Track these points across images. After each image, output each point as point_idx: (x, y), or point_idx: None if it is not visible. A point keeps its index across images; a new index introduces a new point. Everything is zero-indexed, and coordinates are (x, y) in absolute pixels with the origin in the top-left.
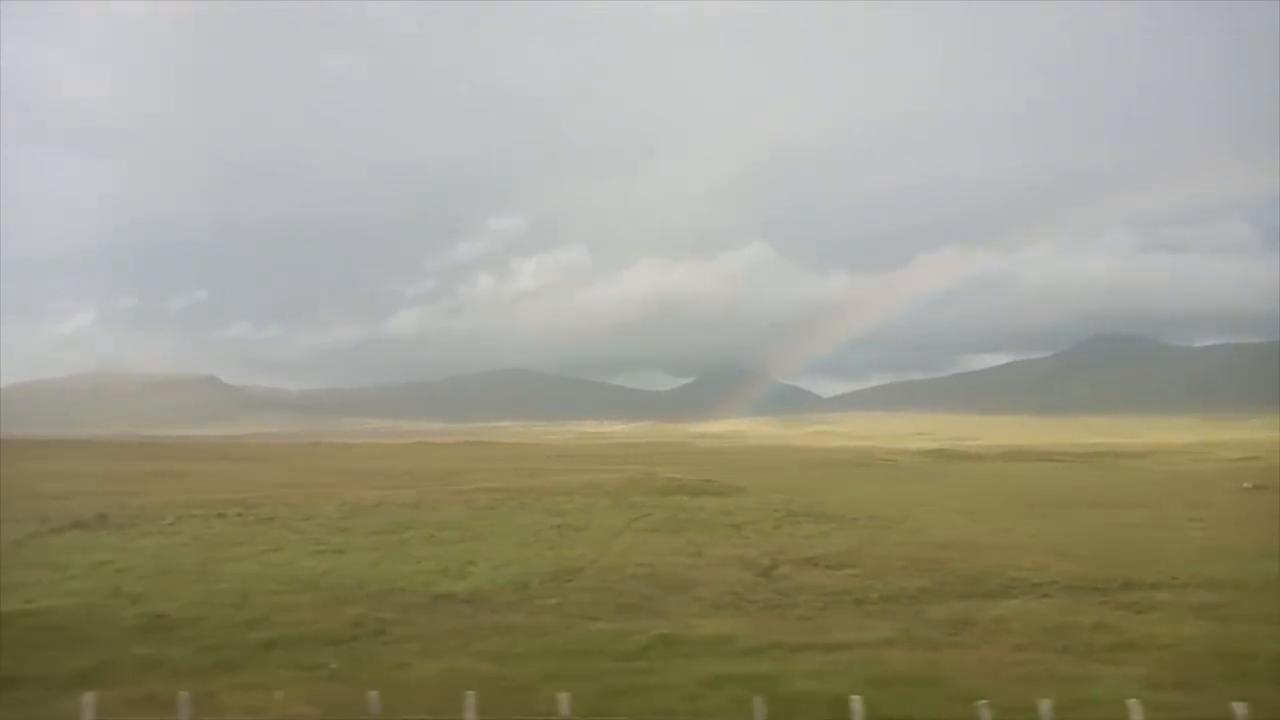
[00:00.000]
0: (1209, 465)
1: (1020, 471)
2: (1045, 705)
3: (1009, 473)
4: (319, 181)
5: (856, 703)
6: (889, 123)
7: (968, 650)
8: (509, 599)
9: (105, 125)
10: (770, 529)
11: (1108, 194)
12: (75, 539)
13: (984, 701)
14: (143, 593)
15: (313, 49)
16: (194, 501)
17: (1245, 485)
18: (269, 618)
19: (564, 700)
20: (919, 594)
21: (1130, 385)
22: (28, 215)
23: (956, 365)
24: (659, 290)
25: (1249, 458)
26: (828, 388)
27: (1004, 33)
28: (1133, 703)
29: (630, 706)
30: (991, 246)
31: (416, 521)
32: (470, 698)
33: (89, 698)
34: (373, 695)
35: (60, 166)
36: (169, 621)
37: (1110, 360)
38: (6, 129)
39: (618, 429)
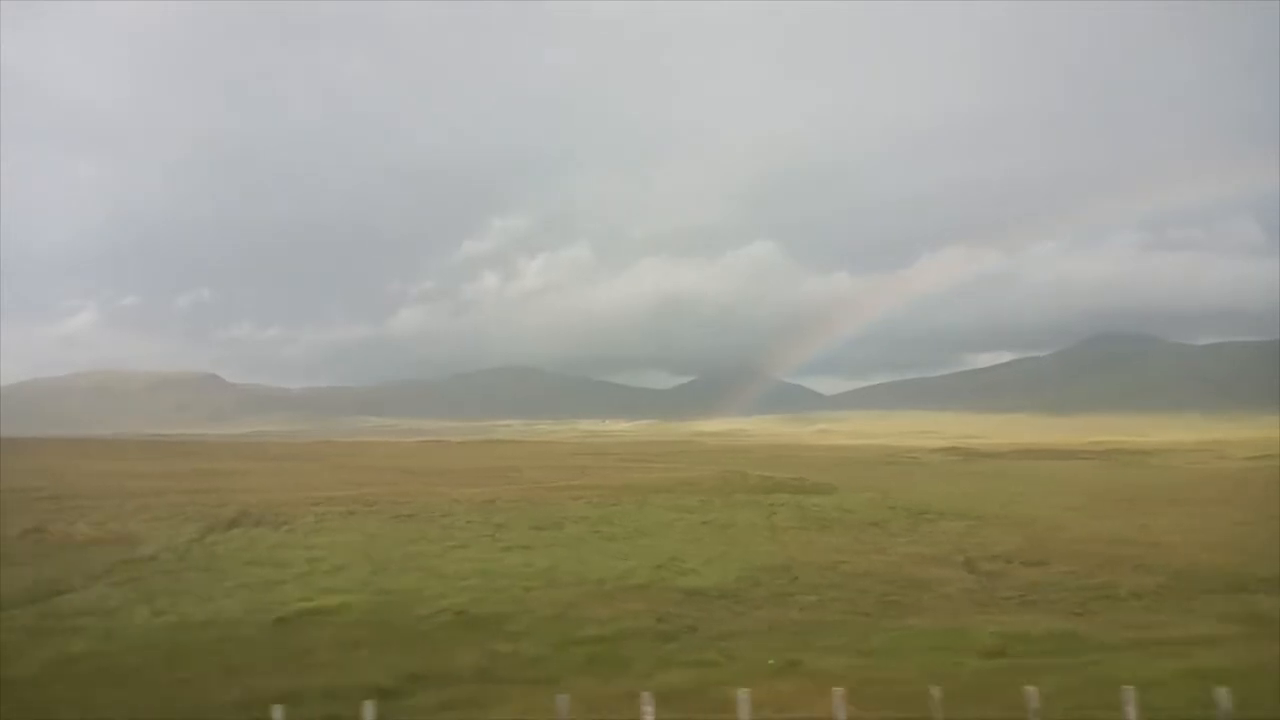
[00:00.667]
0: (1231, 464)
1: (1061, 469)
2: None
3: (1051, 471)
4: (323, 180)
5: None
6: (896, 122)
7: None
8: (760, 595)
9: (109, 124)
10: (910, 527)
11: (1112, 193)
12: (249, 537)
13: None
14: (406, 589)
15: (317, 48)
16: (310, 499)
17: None
18: (565, 614)
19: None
20: (1161, 590)
21: (1130, 383)
22: (31, 214)
23: (957, 363)
24: (663, 289)
25: (1263, 455)
26: (828, 386)
27: (1010, 34)
28: None
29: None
30: (994, 246)
31: (561, 518)
32: (1129, 693)
33: (563, 698)
34: (935, 690)
35: (64, 165)
36: (473, 619)
37: (1110, 358)
38: (10, 128)
39: (620, 427)
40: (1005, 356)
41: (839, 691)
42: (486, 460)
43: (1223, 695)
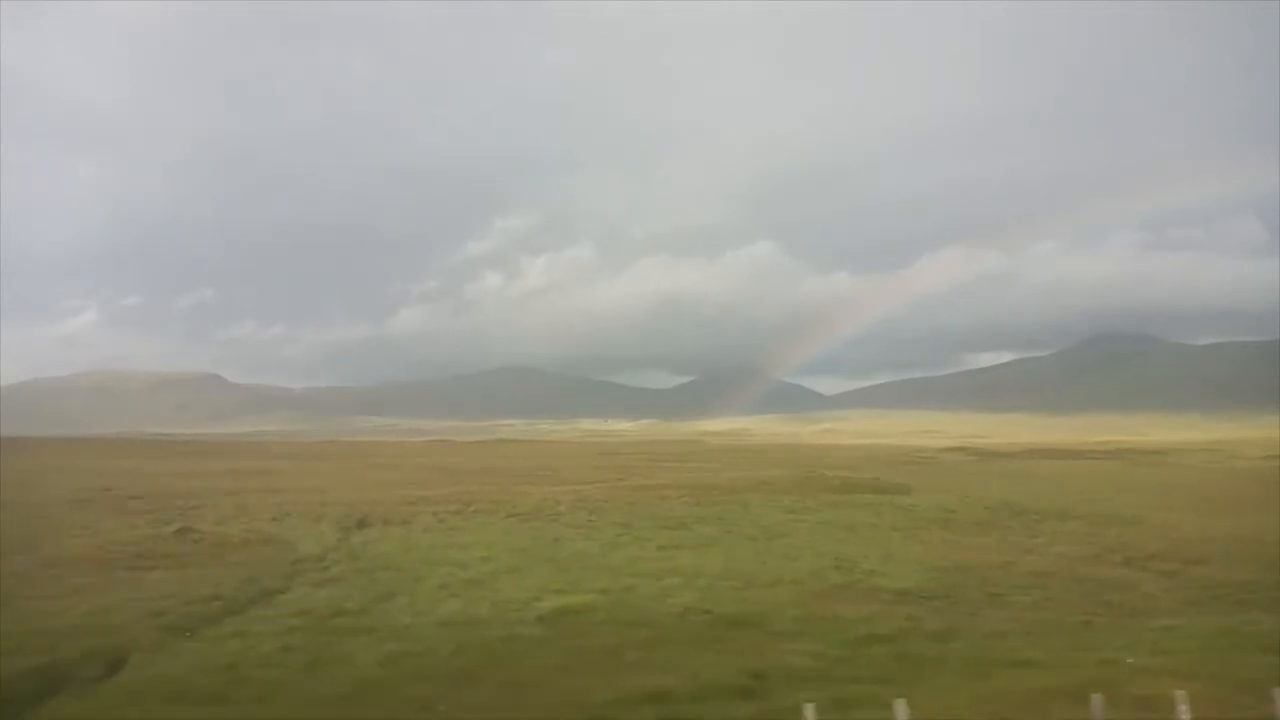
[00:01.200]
0: (1249, 463)
1: (1089, 469)
2: None
3: (1084, 470)
4: (326, 180)
5: None
6: (896, 123)
7: None
8: (972, 596)
9: (112, 124)
10: (1027, 527)
11: (1112, 193)
12: (395, 537)
13: None
14: (621, 589)
15: (320, 48)
16: (404, 499)
17: None
18: (814, 614)
19: None
20: None
21: (1130, 383)
22: (32, 214)
23: (957, 363)
24: (665, 289)
25: (1273, 455)
26: (829, 386)
27: (1010, 34)
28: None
29: None
30: (995, 245)
31: (678, 518)
32: None
33: (1098, 698)
34: None
35: (67, 165)
36: (730, 617)
37: (1110, 358)
38: (14, 128)
39: (622, 426)
40: (1005, 356)
41: None
42: (520, 460)
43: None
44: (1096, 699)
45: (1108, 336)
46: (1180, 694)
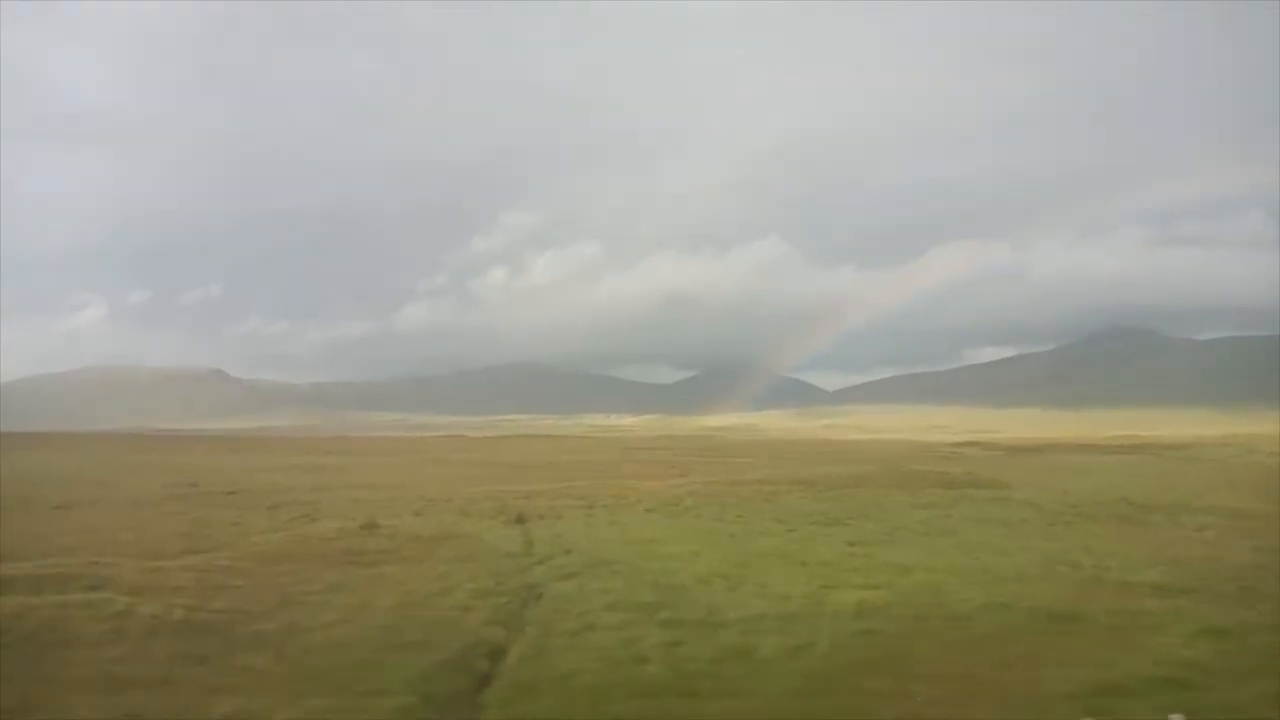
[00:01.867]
0: (1265, 457)
1: (1117, 464)
2: None
3: (1115, 465)
4: (331, 176)
5: None
6: (902, 117)
7: None
8: (1224, 590)
9: (117, 120)
10: (1164, 520)
11: (1117, 188)
12: (575, 534)
13: None
14: (873, 585)
15: (324, 43)
16: (521, 493)
17: None
18: (1111, 609)
19: None
20: None
21: (1133, 379)
22: (39, 210)
23: (959, 358)
24: (670, 284)
25: None
26: (831, 381)
27: (1016, 28)
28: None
29: None
30: (999, 241)
31: (821, 513)
32: None
33: None
34: None
35: (72, 161)
36: (1030, 612)
37: (1113, 353)
38: (19, 124)
39: (626, 422)
40: (1006, 352)
41: None
42: (567, 455)
43: None
44: None
45: (1110, 332)
46: None
